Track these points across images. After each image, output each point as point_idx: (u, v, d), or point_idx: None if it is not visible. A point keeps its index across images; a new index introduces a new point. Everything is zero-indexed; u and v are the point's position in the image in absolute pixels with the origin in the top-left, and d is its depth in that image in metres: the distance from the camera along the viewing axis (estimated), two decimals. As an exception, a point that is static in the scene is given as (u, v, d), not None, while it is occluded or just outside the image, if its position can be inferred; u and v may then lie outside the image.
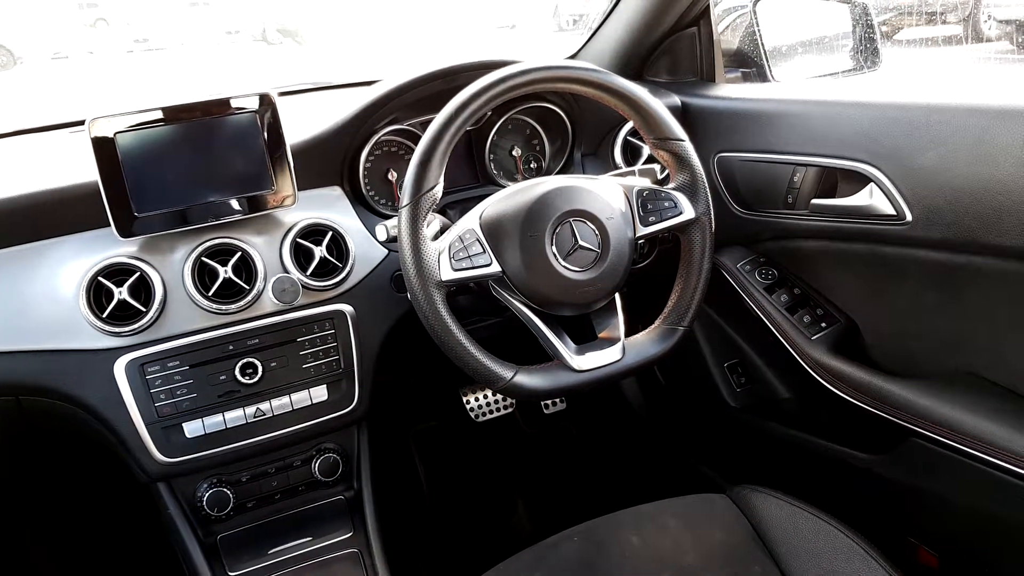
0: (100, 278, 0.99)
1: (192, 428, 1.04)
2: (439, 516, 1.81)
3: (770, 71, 1.37)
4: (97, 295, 1.00)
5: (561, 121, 1.32)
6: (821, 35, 1.40)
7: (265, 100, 1.03)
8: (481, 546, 1.71)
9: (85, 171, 0.98)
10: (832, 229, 1.12)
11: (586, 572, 0.99)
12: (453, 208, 1.22)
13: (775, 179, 1.18)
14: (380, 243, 1.13)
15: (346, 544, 1.14)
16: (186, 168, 1.01)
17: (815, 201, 1.12)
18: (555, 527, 1.07)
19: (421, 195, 0.91)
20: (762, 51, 1.36)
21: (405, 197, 0.91)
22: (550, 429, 1.95)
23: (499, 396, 1.88)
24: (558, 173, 1.35)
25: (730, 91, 1.32)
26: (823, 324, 1.22)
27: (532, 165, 1.36)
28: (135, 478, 1.07)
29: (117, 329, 1.00)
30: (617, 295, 1.01)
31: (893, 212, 1.00)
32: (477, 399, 1.93)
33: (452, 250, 0.92)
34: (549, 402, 1.95)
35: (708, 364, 1.53)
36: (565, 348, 0.95)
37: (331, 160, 1.17)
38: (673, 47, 1.41)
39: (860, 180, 1.05)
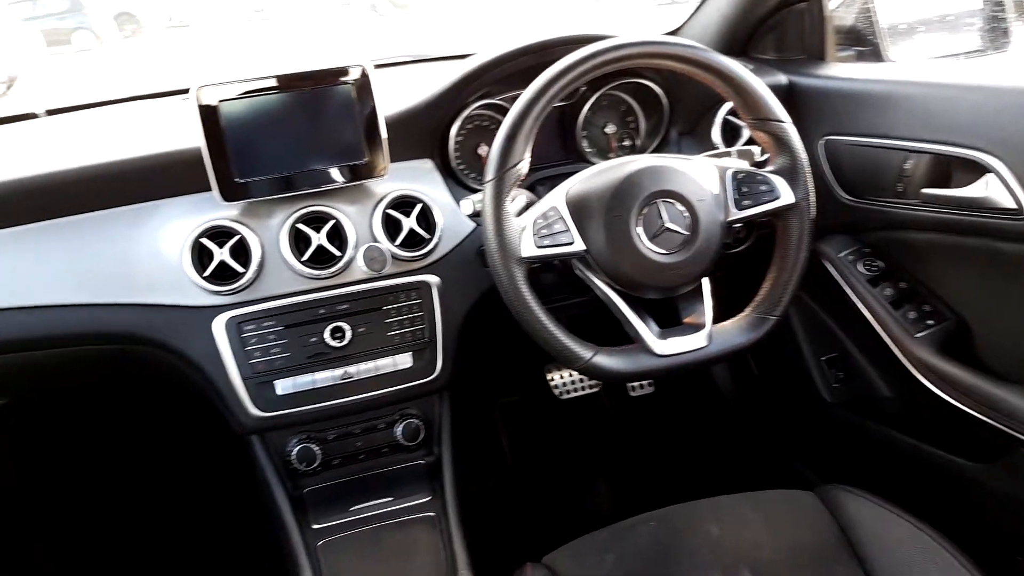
0: (203, 239, 1.05)
1: (283, 386, 1.09)
2: (519, 488, 1.83)
3: (885, 50, 1.28)
4: (199, 255, 1.05)
5: (658, 98, 1.29)
6: (944, 12, 1.30)
7: (362, 73, 1.04)
8: (557, 521, 1.72)
9: (192, 137, 1.02)
10: (944, 221, 1.05)
11: (659, 558, 0.98)
12: (543, 184, 1.21)
13: (885, 165, 1.11)
14: (466, 217, 1.14)
15: (424, 507, 1.17)
16: (285, 137, 1.05)
17: (927, 191, 1.05)
18: (634, 510, 1.06)
19: (505, 170, 0.91)
20: (877, 28, 1.28)
21: (490, 172, 0.91)
22: (635, 411, 1.94)
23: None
24: (652, 152, 1.32)
25: (841, 71, 1.25)
26: (929, 321, 1.15)
27: (625, 143, 1.33)
28: (232, 430, 1.13)
29: (217, 288, 1.05)
30: (706, 280, 0.99)
31: (1013, 206, 0.93)
32: (562, 377, 1.93)
33: (535, 227, 0.92)
34: (636, 385, 1.93)
35: (804, 356, 1.47)
36: (647, 331, 0.94)
37: (423, 133, 1.18)
38: (782, 23, 1.34)
39: (977, 170, 0.97)
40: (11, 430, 1.47)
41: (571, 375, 1.94)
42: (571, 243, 0.93)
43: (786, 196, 0.96)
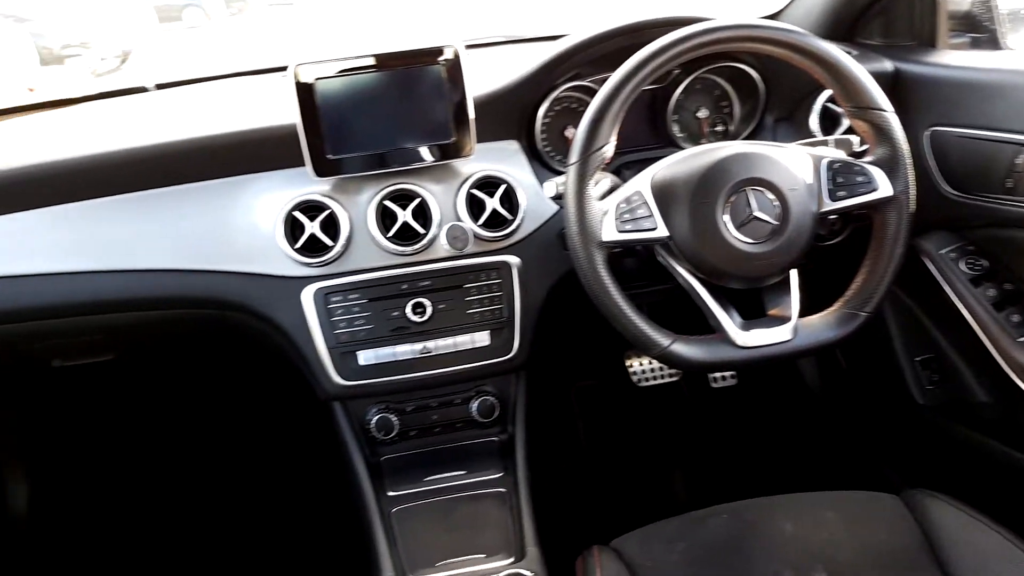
0: (295, 212, 1.08)
1: (365, 356, 1.12)
2: (592, 472, 1.84)
3: (1003, 37, 1.20)
4: (291, 228, 1.09)
5: (754, 83, 1.25)
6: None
7: (454, 53, 1.05)
8: (629, 507, 1.72)
9: (288, 114, 1.06)
10: None
11: (730, 551, 0.96)
12: (630, 168, 1.20)
13: (995, 159, 1.05)
14: (549, 199, 1.14)
15: (495, 483, 1.19)
16: (376, 115, 1.07)
17: None
18: (707, 502, 1.05)
19: (590, 153, 0.90)
20: (996, 14, 1.20)
21: (574, 154, 0.91)
22: (716, 403, 1.90)
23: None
24: (745, 139, 1.28)
25: (953, 58, 1.18)
26: None
27: (718, 128, 1.30)
28: (316, 396, 1.17)
29: (307, 260, 1.09)
30: (794, 272, 0.96)
31: None
32: (640, 364, 1.92)
33: (618, 211, 0.91)
34: (718, 376, 1.90)
35: (897, 356, 1.41)
36: (729, 322, 0.92)
37: (510, 114, 1.19)
38: (890, 7, 1.28)
39: None
40: (116, 384, 1.58)
41: (651, 363, 1.92)
42: (654, 229, 0.92)
43: (884, 188, 0.92)
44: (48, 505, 1.59)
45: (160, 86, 1.49)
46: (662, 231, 0.92)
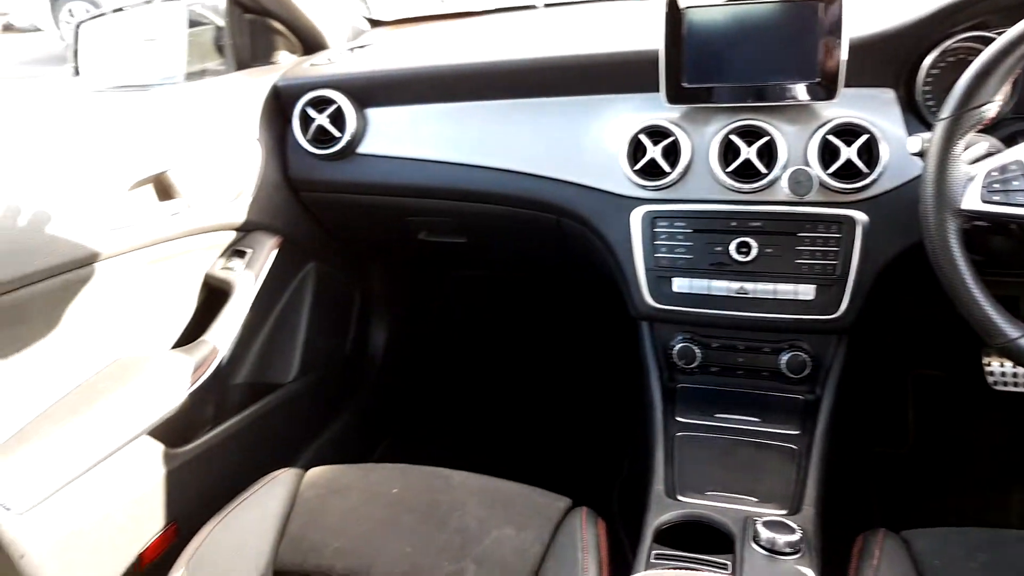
0: (640, 135, 1.13)
1: (679, 284, 1.15)
2: (914, 465, 1.68)
3: None
4: (634, 150, 1.14)
5: None
6: None
7: None
8: (939, 511, 1.55)
9: (652, 40, 1.09)
10: None
11: None
12: None
13: None
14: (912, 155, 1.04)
15: (789, 439, 1.15)
16: (741, 48, 1.06)
17: None
18: None
19: (967, 110, 0.80)
20: None
21: (946, 108, 0.82)
22: None
23: None
24: None
25: None
26: None
27: None
28: (628, 313, 1.24)
29: (643, 183, 1.13)
30: None
31: None
32: (1003, 364, 1.66)
33: (987, 179, 0.80)
34: None
35: None
36: None
37: (890, 61, 1.09)
38: None
39: None
40: (464, 263, 1.82)
41: (1015, 367, 1.66)
42: None
43: None
44: (399, 347, 1.92)
45: (549, 5, 1.62)
46: None
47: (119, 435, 1.03)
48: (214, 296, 1.28)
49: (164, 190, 1.17)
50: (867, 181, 1.05)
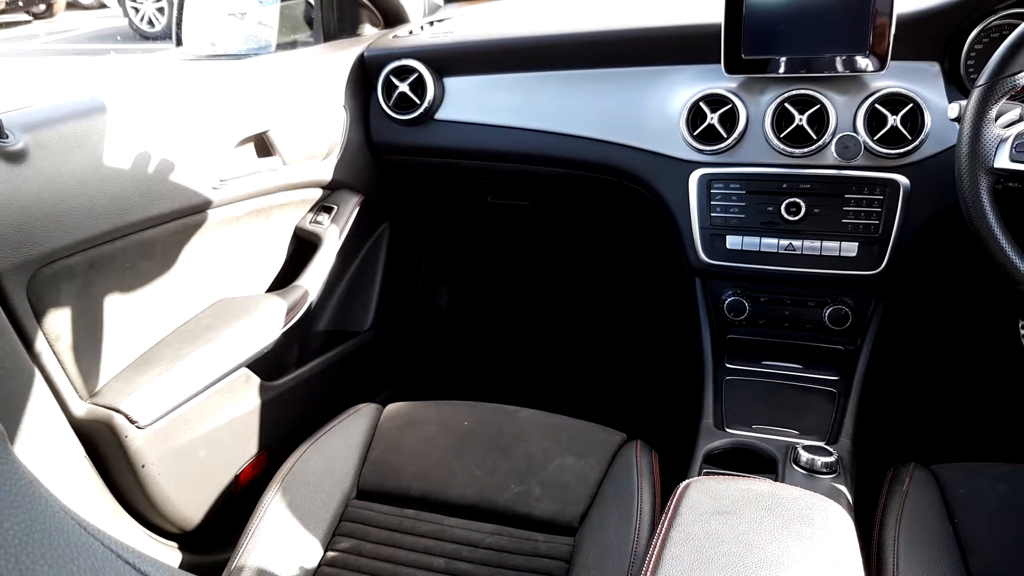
0: (700, 103, 1.23)
1: (732, 241, 1.25)
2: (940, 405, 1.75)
3: None
4: (693, 117, 1.24)
5: None
6: None
7: None
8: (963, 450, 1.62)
9: (713, 13, 1.19)
10: None
11: None
12: None
13: None
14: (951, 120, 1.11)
15: (829, 383, 1.26)
16: (797, 21, 1.14)
17: None
18: None
19: (1001, 77, 0.88)
20: None
21: (983, 76, 0.90)
22: None
23: None
24: None
25: None
26: None
27: None
28: (683, 268, 1.34)
29: (701, 147, 1.23)
30: None
31: None
32: None
33: (1017, 140, 0.89)
34: None
35: None
36: None
37: (936, 34, 1.16)
38: None
39: None
40: (528, 225, 1.93)
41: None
42: None
43: None
44: (462, 304, 2.05)
45: None
46: None
47: (222, 366, 1.16)
48: (304, 246, 1.42)
49: (264, 148, 1.30)
50: (910, 147, 1.13)
